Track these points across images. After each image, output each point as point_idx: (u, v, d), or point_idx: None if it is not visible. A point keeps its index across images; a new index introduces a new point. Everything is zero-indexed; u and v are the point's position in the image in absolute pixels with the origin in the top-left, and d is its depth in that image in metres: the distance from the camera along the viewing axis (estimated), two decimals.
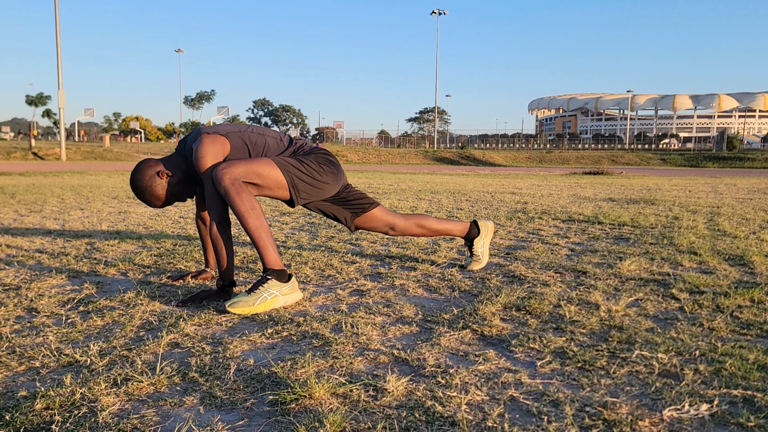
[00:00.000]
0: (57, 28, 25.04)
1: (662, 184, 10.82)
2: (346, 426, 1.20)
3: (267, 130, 2.39)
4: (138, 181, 2.25)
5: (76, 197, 6.69)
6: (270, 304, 2.03)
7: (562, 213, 5.27)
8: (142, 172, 2.26)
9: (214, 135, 2.22)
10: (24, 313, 2.02)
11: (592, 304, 2.12)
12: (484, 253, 2.76)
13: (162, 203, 2.30)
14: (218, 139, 2.21)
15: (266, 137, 2.33)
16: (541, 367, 1.53)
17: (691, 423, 1.23)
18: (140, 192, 2.27)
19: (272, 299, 2.04)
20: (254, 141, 2.29)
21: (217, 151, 2.18)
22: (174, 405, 1.30)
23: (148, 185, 2.25)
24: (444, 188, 9.07)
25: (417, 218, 2.64)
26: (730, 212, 5.41)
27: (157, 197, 2.28)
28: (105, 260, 2.93)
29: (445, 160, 37.19)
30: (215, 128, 2.28)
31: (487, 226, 2.79)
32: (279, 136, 2.39)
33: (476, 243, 2.74)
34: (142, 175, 2.25)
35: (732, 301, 2.15)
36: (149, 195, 2.27)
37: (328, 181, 2.32)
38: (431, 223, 2.66)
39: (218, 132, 2.24)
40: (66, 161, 24.82)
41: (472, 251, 2.75)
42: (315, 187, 2.29)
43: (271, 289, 2.04)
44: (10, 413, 1.24)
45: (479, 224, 2.76)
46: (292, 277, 2.12)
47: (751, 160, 33.80)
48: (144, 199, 2.29)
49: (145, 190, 2.25)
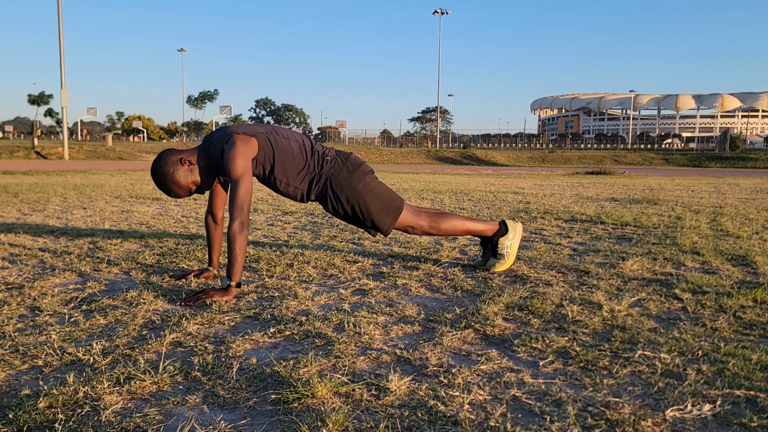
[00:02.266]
0: (60, 27, 25.08)
1: (665, 184, 10.81)
2: (348, 425, 1.20)
3: (292, 134, 2.44)
4: (160, 167, 2.27)
5: (79, 196, 6.70)
6: (513, 255, 2.66)
7: (564, 213, 5.26)
8: (165, 158, 2.28)
9: (246, 137, 2.27)
10: (27, 311, 2.03)
11: (594, 304, 2.12)
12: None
13: (183, 192, 2.31)
14: (250, 142, 2.27)
15: (290, 141, 2.39)
16: (544, 366, 1.53)
17: (694, 423, 1.22)
18: (161, 178, 2.28)
19: (513, 250, 2.66)
20: (280, 145, 2.35)
21: (248, 154, 2.24)
22: (177, 404, 1.31)
23: (170, 171, 2.27)
24: (446, 188, 9.07)
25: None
26: (733, 212, 5.40)
27: (178, 184, 2.29)
28: (108, 259, 2.94)
29: (448, 160, 37.17)
30: (245, 128, 2.32)
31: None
32: (302, 140, 2.45)
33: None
34: (165, 162, 2.27)
35: (735, 301, 2.15)
36: (170, 181, 2.28)
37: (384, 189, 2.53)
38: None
39: (248, 133, 2.29)
40: (69, 160, 24.86)
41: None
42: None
43: (505, 244, 2.64)
44: (14, 411, 1.25)
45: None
46: (510, 219, 2.69)
47: (754, 160, 33.70)
48: (164, 187, 2.30)
49: (167, 176, 2.27)
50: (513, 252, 2.67)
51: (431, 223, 2.57)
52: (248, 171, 2.22)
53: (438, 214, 2.60)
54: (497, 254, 2.68)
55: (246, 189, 2.19)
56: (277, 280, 2.52)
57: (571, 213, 5.22)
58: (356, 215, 2.48)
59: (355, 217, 2.50)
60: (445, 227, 2.59)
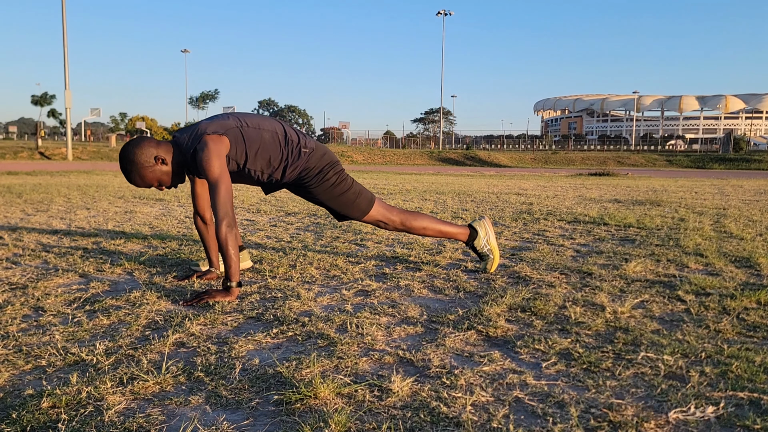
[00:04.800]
0: (64, 28, 25.15)
1: (668, 186, 10.78)
2: (351, 426, 1.20)
3: (263, 122, 2.39)
4: (133, 155, 2.21)
5: (82, 197, 6.72)
6: (495, 250, 2.70)
7: (567, 214, 5.25)
8: (143, 148, 2.22)
9: (217, 136, 2.25)
10: (31, 312, 2.03)
11: (597, 306, 2.12)
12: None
13: (143, 185, 2.28)
14: (222, 141, 2.25)
15: (262, 131, 2.36)
16: (547, 368, 1.53)
17: (697, 425, 1.22)
18: (129, 165, 2.22)
19: (492, 246, 2.70)
20: (251, 136, 2.33)
21: (221, 153, 2.22)
22: (179, 404, 1.31)
23: (143, 163, 2.22)
24: (449, 189, 9.07)
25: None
26: (737, 214, 5.39)
27: (143, 178, 2.25)
28: (111, 260, 2.95)
29: (450, 161, 37.15)
30: (215, 126, 2.28)
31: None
32: (274, 128, 2.40)
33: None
34: (142, 152, 2.22)
35: (738, 303, 2.14)
36: (137, 173, 2.23)
37: (351, 184, 2.55)
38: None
39: (218, 131, 2.26)
40: (72, 161, 24.92)
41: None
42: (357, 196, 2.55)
43: (481, 245, 2.69)
44: (17, 411, 1.25)
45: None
46: (474, 221, 2.73)
47: (758, 162, 33.59)
48: (128, 173, 2.24)
49: (137, 166, 2.22)
50: (494, 247, 2.72)
51: (403, 220, 2.62)
52: (225, 170, 2.21)
53: (411, 213, 2.66)
54: (481, 257, 2.73)
55: (226, 188, 2.19)
56: (279, 280, 2.52)
57: (574, 214, 5.22)
58: (328, 204, 2.55)
59: (327, 206, 2.57)
60: (416, 225, 2.64)
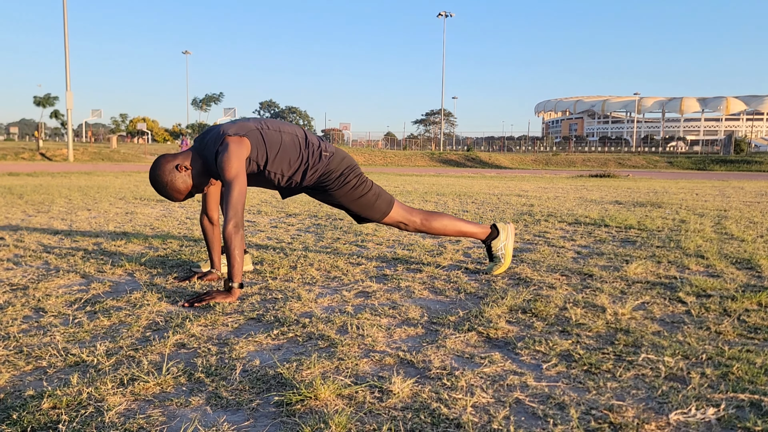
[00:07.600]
0: (65, 30, 25.18)
1: (669, 187, 10.78)
2: (351, 427, 1.20)
3: (283, 126, 2.44)
4: (158, 176, 2.29)
5: (83, 198, 6.73)
6: (509, 257, 2.69)
7: (568, 216, 5.25)
8: (162, 167, 2.29)
9: (237, 138, 2.27)
10: (31, 312, 2.03)
11: (598, 307, 2.12)
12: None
13: (183, 196, 2.34)
14: (243, 142, 2.27)
15: (282, 134, 2.39)
16: (547, 369, 1.53)
17: (698, 427, 1.22)
18: (161, 187, 2.30)
19: (507, 252, 2.69)
20: (272, 138, 2.35)
21: (241, 155, 2.25)
22: (180, 405, 1.31)
23: (169, 180, 2.29)
24: (450, 190, 9.07)
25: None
26: (738, 215, 5.38)
27: (178, 190, 2.31)
28: (112, 261, 2.95)
29: (451, 162, 37.15)
30: (236, 128, 2.31)
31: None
32: (294, 132, 2.44)
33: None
34: (162, 170, 2.29)
35: (739, 304, 2.14)
36: (170, 189, 2.30)
37: (371, 186, 2.55)
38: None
39: (239, 132, 2.29)
40: (73, 162, 24.94)
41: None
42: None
43: (498, 246, 2.68)
44: (18, 412, 1.25)
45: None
46: (500, 221, 2.58)
47: (759, 164, 33.59)
48: (165, 194, 2.32)
49: (167, 184, 2.29)
50: (508, 253, 2.71)
51: (423, 221, 2.62)
52: (242, 172, 2.23)
53: (431, 213, 2.66)
54: (492, 257, 2.73)
55: (240, 190, 2.20)
56: (280, 282, 2.52)
57: (575, 216, 5.21)
58: (349, 207, 2.56)
59: (347, 209, 2.57)
60: (437, 225, 2.63)
